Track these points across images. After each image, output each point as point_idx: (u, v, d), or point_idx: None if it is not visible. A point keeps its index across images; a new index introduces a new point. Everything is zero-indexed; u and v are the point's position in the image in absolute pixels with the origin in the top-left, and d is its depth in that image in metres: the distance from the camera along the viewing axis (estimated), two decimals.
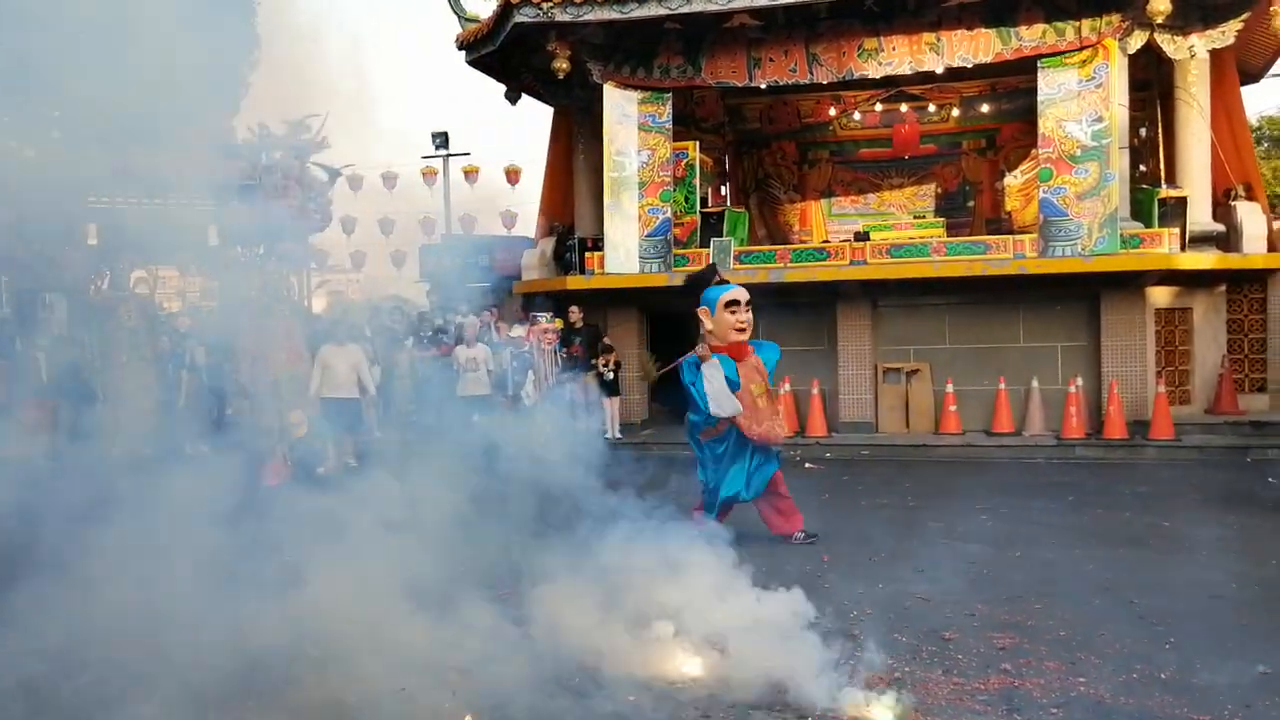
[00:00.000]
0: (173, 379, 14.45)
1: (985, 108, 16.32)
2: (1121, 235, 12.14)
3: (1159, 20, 11.79)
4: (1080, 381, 12.46)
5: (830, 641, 5.04)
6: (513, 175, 20.54)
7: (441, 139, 22.34)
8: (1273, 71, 16.58)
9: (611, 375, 13.53)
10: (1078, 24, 12.33)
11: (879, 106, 16.49)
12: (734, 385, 7.41)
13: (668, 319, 14.41)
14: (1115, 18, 12.23)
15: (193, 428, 13.63)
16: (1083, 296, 12.75)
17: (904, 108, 16.49)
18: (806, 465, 11.73)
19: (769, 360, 7.77)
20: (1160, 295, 12.76)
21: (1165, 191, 12.74)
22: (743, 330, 7.52)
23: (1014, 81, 15.20)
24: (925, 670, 4.70)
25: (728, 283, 7.80)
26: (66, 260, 19.25)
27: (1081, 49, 12.35)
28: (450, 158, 22.60)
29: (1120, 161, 12.34)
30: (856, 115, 16.80)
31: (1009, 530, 7.88)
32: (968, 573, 6.56)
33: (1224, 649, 4.86)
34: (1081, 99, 12.37)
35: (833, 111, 16.88)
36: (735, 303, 7.49)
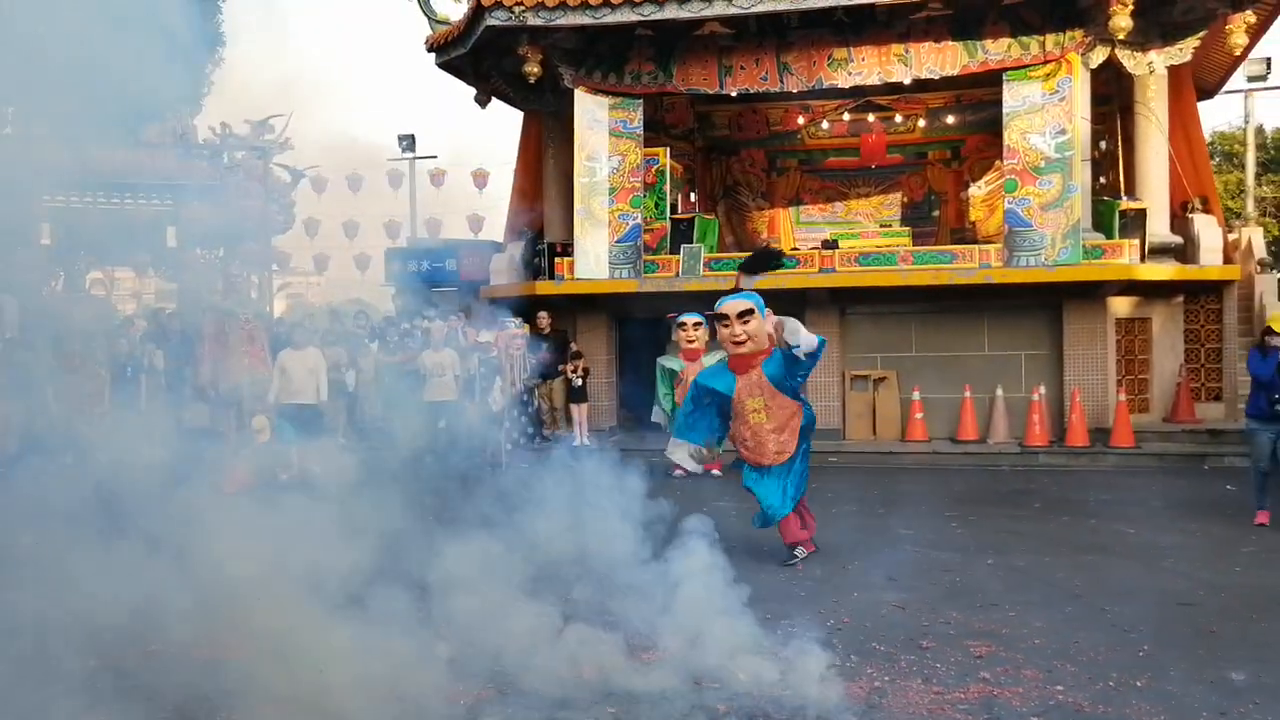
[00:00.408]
0: (130, 381, 14.22)
1: (950, 119, 16.52)
2: (1084, 246, 12.36)
3: (1120, 36, 12.00)
4: (1043, 390, 12.65)
5: (808, 650, 5.11)
6: (480, 178, 20.47)
7: (408, 141, 22.21)
8: (1226, 88, 16.97)
9: (580, 382, 13.52)
10: (1042, 39, 12.53)
11: (847, 116, 16.65)
12: (725, 397, 7.30)
13: (637, 325, 14.47)
14: (1078, 33, 12.44)
15: (151, 431, 13.51)
16: (1046, 306, 12.96)
17: (871, 118, 16.66)
18: None
19: (770, 373, 7.27)
20: (1120, 305, 13.00)
21: (1125, 203, 12.97)
22: (739, 344, 7.25)
23: (979, 94, 15.42)
24: (905, 679, 4.76)
25: (739, 289, 7.55)
26: (18, 260, 18.97)
27: (1046, 63, 12.56)
28: (417, 160, 22.47)
29: (1083, 173, 12.57)
30: (825, 124, 16.94)
31: (979, 538, 7.98)
32: (941, 581, 6.64)
33: (1196, 656, 4.97)
34: (1045, 112, 12.57)
35: (801, 120, 17.02)
36: (723, 317, 7.31)
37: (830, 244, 14.09)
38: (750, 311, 7.27)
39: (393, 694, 4.50)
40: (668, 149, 14.86)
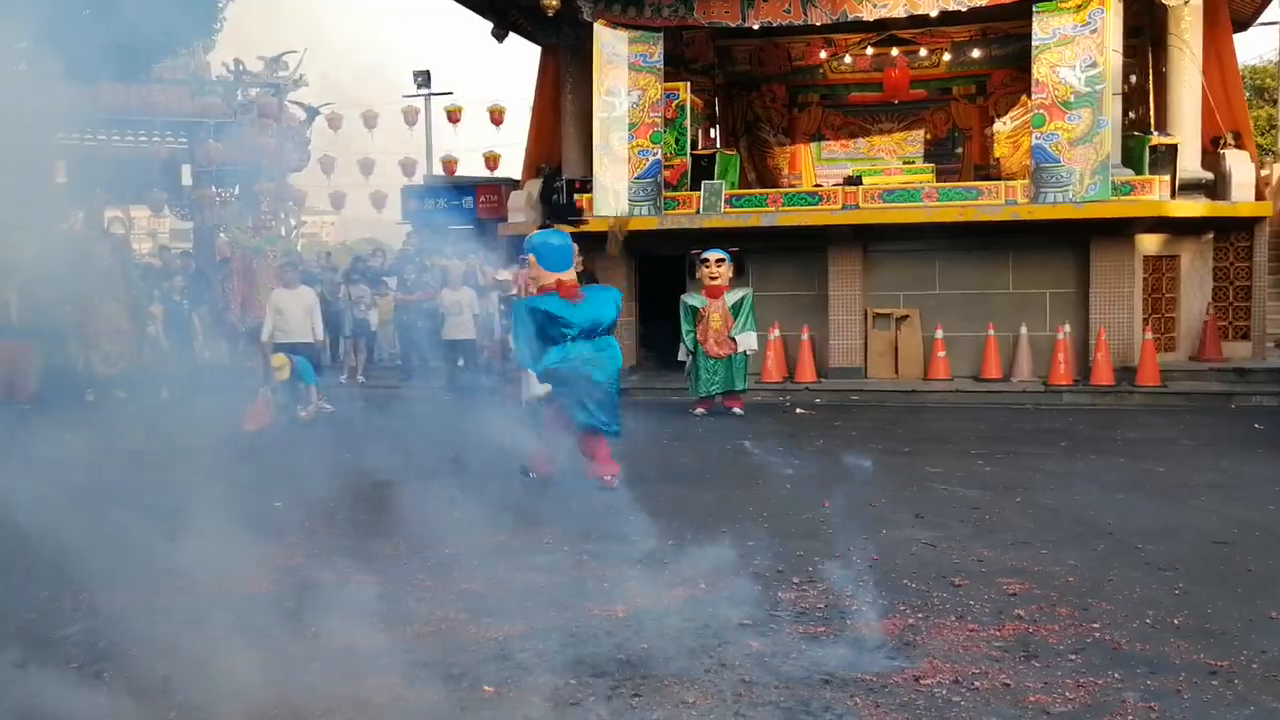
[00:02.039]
0: (144, 319, 14.17)
1: (976, 53, 16.19)
2: (1113, 182, 12.14)
3: None
4: (1068, 328, 12.53)
5: (840, 587, 5.10)
6: (496, 115, 20.21)
7: (423, 78, 21.93)
8: (1262, 20, 16.54)
9: None
10: None
11: (870, 50, 16.34)
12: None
13: (657, 262, 14.34)
14: None
15: (170, 370, 13.54)
16: (1072, 243, 12.78)
17: (895, 52, 16.33)
18: (797, 410, 11.76)
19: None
20: (1149, 243, 12.81)
21: (1156, 139, 12.73)
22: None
23: (1005, 27, 15.08)
24: (938, 617, 4.72)
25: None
26: (34, 198, 18.91)
27: None
28: (432, 97, 22.21)
29: (1113, 108, 12.31)
30: (847, 59, 16.64)
31: (1006, 476, 7.93)
32: (970, 518, 6.59)
33: (1233, 594, 4.91)
34: (1076, 44, 12.29)
35: (823, 54, 16.71)
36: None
37: (854, 180, 13.90)
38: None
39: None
40: (688, 84, 14.61)
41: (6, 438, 8.20)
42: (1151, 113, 13.76)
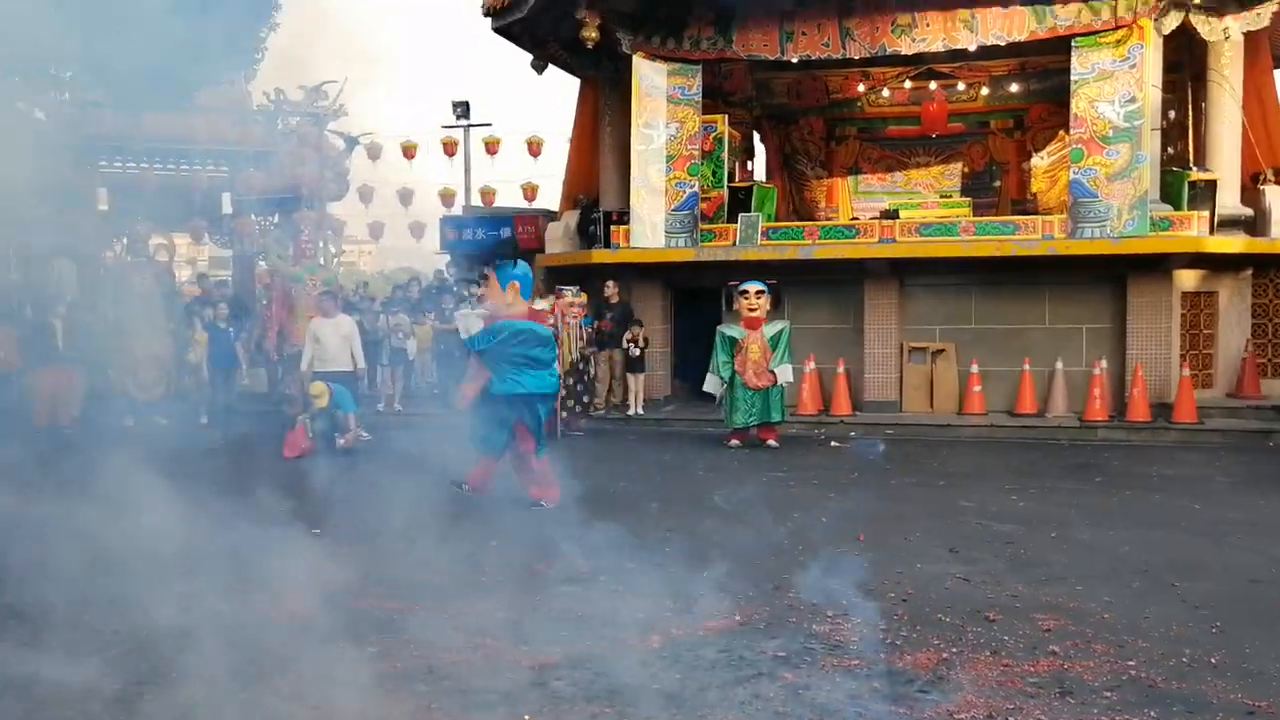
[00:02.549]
0: (184, 347, 14.41)
1: (1014, 87, 16.22)
2: (1151, 217, 12.11)
3: (1196, 1, 11.68)
4: (1104, 364, 12.44)
5: (874, 620, 5.12)
6: (535, 147, 20.46)
7: (462, 109, 22.24)
8: None
9: (638, 352, 13.53)
10: (1113, 4, 12.22)
11: (908, 84, 16.41)
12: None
13: (692, 294, 14.44)
14: None
15: (209, 401, 13.76)
16: (1109, 278, 12.73)
17: (933, 85, 16.40)
18: (832, 444, 11.77)
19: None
20: (1187, 278, 12.73)
21: (1195, 174, 12.66)
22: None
23: (1044, 61, 15.11)
24: (972, 651, 4.73)
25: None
26: (77, 225, 19.30)
27: (1116, 29, 12.25)
28: (471, 128, 22.51)
29: (1152, 143, 12.28)
30: (885, 92, 16.72)
31: (1041, 511, 7.91)
32: (1004, 553, 6.59)
33: (1271, 633, 4.89)
34: (1115, 79, 12.29)
35: (861, 88, 16.80)
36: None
37: (890, 214, 13.95)
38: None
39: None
40: (726, 116, 14.73)
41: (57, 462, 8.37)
42: (1191, 148, 13.69)
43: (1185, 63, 13.62)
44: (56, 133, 18.49)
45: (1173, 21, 12.18)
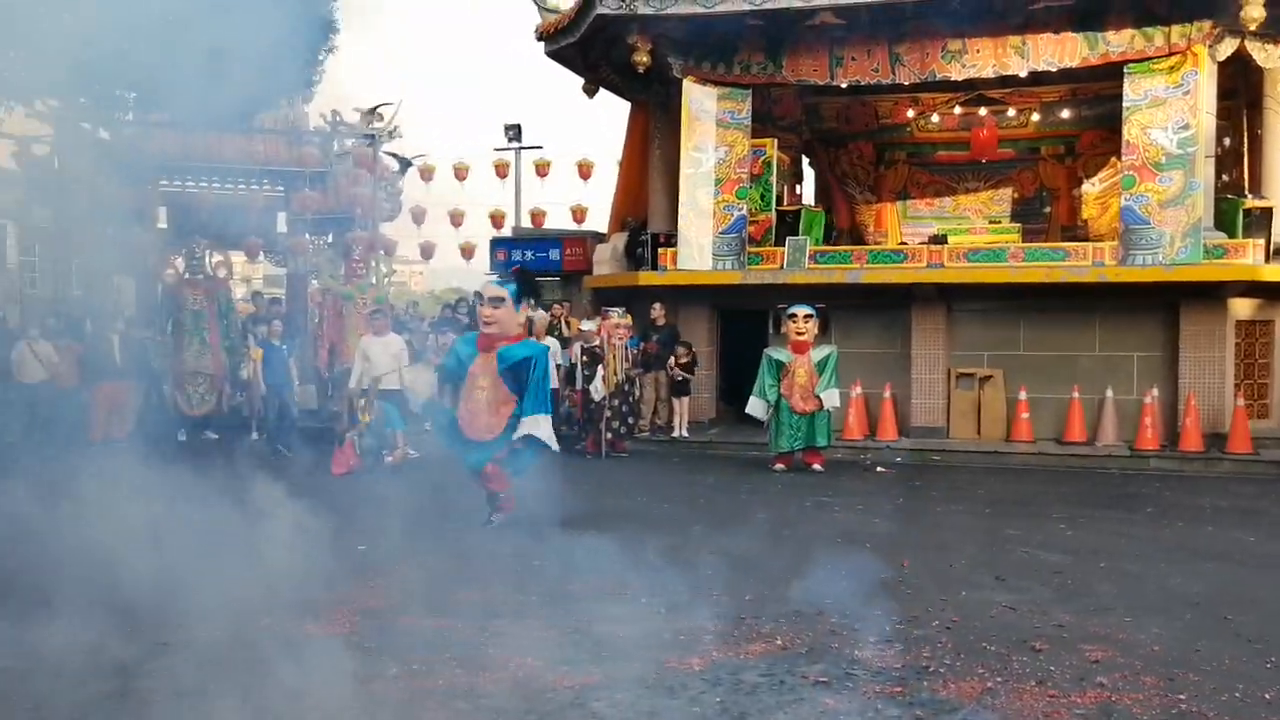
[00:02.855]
0: (238, 363, 14.69)
1: (1065, 113, 16.12)
2: (1205, 245, 11.95)
3: (1252, 28, 11.56)
4: (1156, 392, 12.28)
5: (917, 647, 5.09)
6: (585, 169, 20.62)
7: (514, 131, 22.50)
8: None
9: (681, 377, 13.55)
10: (1167, 30, 12.12)
11: (958, 109, 16.37)
12: (458, 373, 8.07)
13: (738, 316, 14.45)
14: (1206, 24, 12.01)
15: (259, 417, 13.98)
16: (1161, 306, 12.56)
17: (983, 111, 16.33)
18: (878, 469, 11.70)
19: (511, 358, 7.95)
20: (1241, 307, 12.53)
21: (1250, 202, 12.49)
22: (489, 324, 7.91)
23: (1095, 87, 15.01)
24: (1018, 681, 4.69)
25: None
26: (136, 243, 19.76)
27: (1170, 55, 12.15)
28: (522, 150, 22.75)
29: (1206, 170, 12.14)
30: (934, 117, 16.67)
31: (1089, 541, 7.80)
32: (1051, 582, 6.52)
33: None
34: (1168, 106, 12.17)
35: (911, 113, 16.78)
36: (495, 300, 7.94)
37: (939, 239, 13.88)
38: (502, 299, 7.97)
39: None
40: (775, 140, 14.77)
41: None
42: (1246, 176, 13.51)
43: (1241, 89, 13.47)
44: (119, 152, 19.06)
45: (1228, 48, 12.05)
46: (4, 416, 12.82)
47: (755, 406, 11.40)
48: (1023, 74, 13.06)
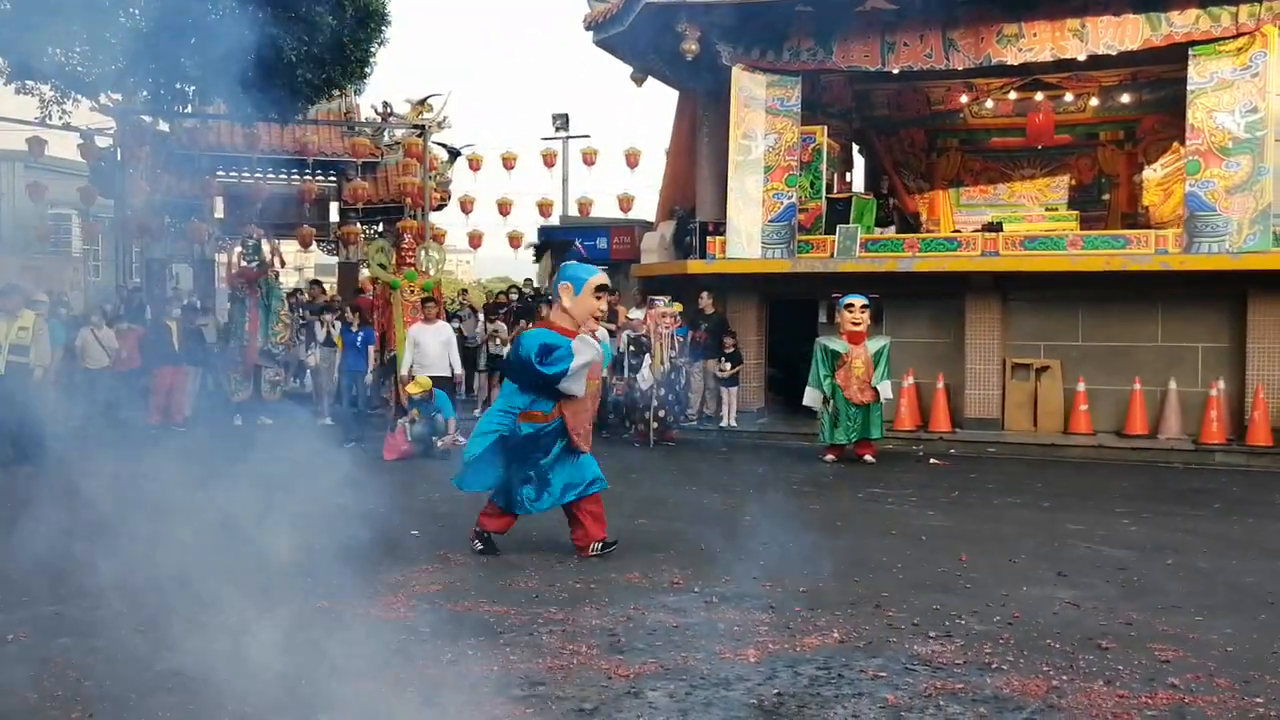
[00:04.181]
0: (298, 348, 14.86)
1: (1125, 98, 15.71)
2: (1274, 232, 11.58)
3: None
4: (1222, 384, 11.93)
5: (978, 643, 4.94)
6: (632, 158, 20.54)
7: (562, 120, 22.47)
8: None
9: (728, 370, 13.41)
10: (1234, 9, 11.76)
11: (1013, 95, 16.03)
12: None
13: (788, 306, 14.28)
14: (1276, 3, 11.63)
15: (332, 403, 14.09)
16: (1227, 295, 12.20)
17: (1039, 96, 15.99)
18: (931, 461, 11.49)
19: (607, 355, 7.01)
20: None
21: None
22: (599, 319, 6.78)
23: (1156, 70, 14.62)
24: (1085, 680, 4.51)
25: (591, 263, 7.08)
26: (194, 231, 20.06)
27: (1238, 36, 11.80)
28: (570, 139, 22.72)
29: (1276, 155, 11.75)
30: (989, 103, 16.35)
31: (1155, 536, 7.57)
32: (1116, 579, 6.31)
33: None
34: (1235, 89, 11.81)
35: (964, 99, 16.47)
36: (605, 288, 6.78)
37: (994, 227, 13.61)
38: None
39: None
40: (825, 127, 14.56)
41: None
42: None
43: None
44: (178, 144, 19.35)
45: None
46: (71, 401, 13.12)
47: (811, 397, 11.23)
48: (1081, 57, 12.73)
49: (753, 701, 4.16)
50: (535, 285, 17.89)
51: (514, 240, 21.86)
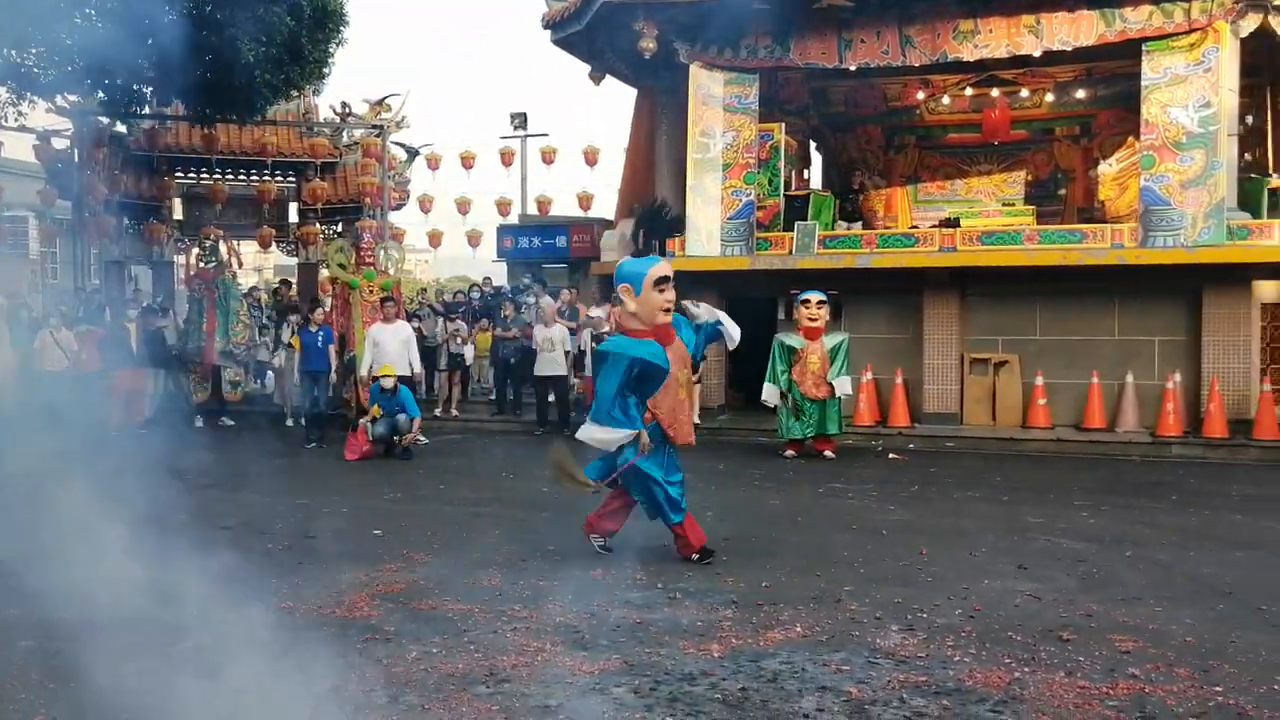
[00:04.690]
0: (258, 349, 14.66)
1: (1080, 93, 15.86)
2: (1228, 226, 11.73)
3: (1276, 2, 11.31)
4: (1178, 377, 12.06)
5: (940, 636, 4.92)
6: (591, 157, 20.45)
7: (520, 119, 22.34)
8: None
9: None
10: (1187, 6, 11.89)
11: (969, 91, 16.13)
12: (663, 372, 6.37)
13: (747, 303, 14.24)
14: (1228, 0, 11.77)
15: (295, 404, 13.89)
16: (1183, 289, 12.35)
17: (995, 92, 16.10)
18: (890, 456, 11.52)
19: (690, 342, 6.64)
20: (1267, 289, 12.30)
21: (1275, 181, 12.28)
22: (669, 311, 6.41)
23: (1111, 66, 14.75)
24: (1047, 672, 4.51)
25: (649, 253, 6.62)
26: (152, 233, 19.72)
27: (1190, 31, 11.93)
28: (529, 138, 22.59)
29: (1229, 149, 11.91)
30: (945, 100, 16.44)
31: (1113, 528, 7.61)
32: (1076, 571, 6.33)
33: None
34: (1189, 84, 11.95)
35: (921, 95, 16.55)
36: (666, 279, 6.33)
37: (951, 222, 13.67)
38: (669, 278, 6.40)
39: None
40: (783, 125, 14.56)
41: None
42: (1270, 155, 13.28)
43: (1265, 66, 13.24)
44: (135, 146, 19.00)
45: (1250, 24, 11.81)
46: (30, 404, 12.87)
47: (769, 393, 11.23)
48: (1037, 54, 12.83)
49: (717, 696, 4.12)
50: (495, 284, 17.77)
51: (473, 239, 21.70)
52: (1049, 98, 16.17)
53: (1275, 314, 12.40)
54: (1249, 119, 13.41)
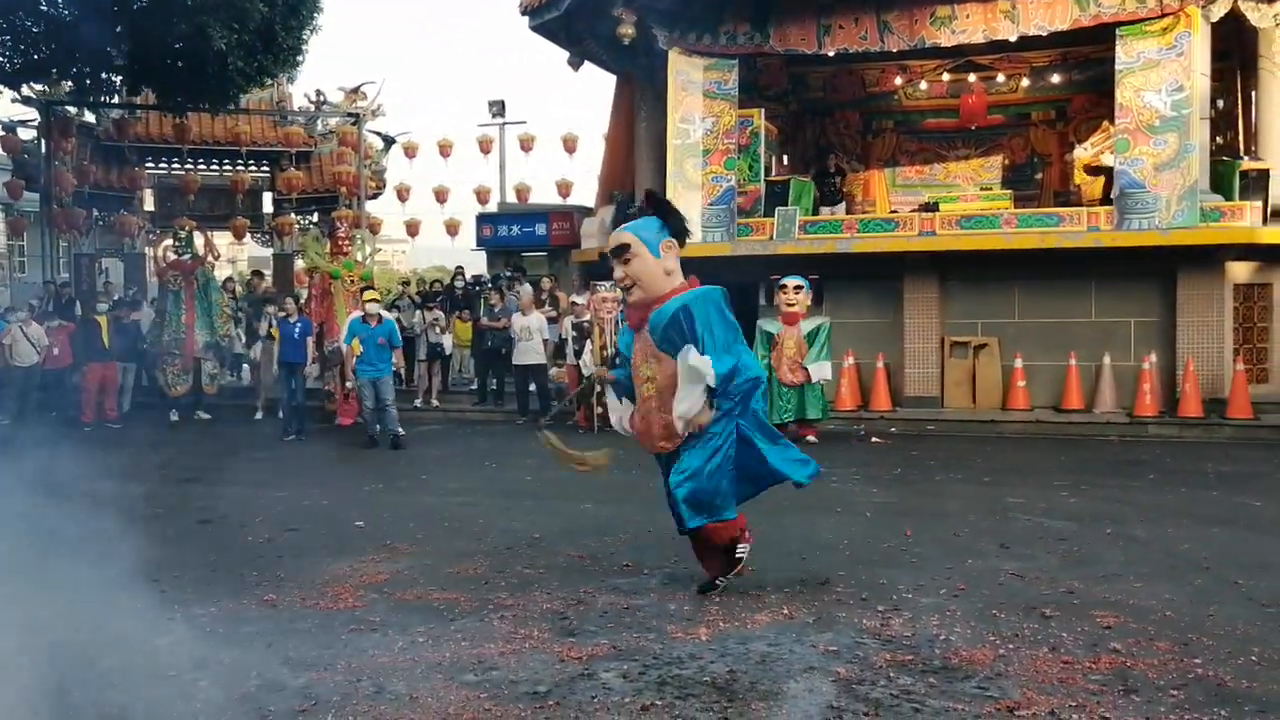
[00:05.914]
0: (231, 342, 14.59)
1: (1056, 78, 15.95)
2: (1201, 208, 11.85)
3: None
4: (1154, 358, 12.19)
5: (926, 615, 4.99)
6: (570, 144, 20.41)
7: (498, 107, 22.25)
8: None
9: None
10: None
11: (946, 76, 16.20)
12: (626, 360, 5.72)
13: (729, 288, 14.25)
14: None
15: (272, 396, 13.85)
16: (1158, 271, 12.46)
17: (972, 77, 16.16)
18: (872, 439, 11.59)
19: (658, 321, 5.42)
20: (1239, 271, 12.45)
21: (1247, 164, 12.40)
22: (626, 290, 5.62)
23: (1086, 51, 14.84)
24: (1031, 648, 4.58)
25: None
26: (123, 225, 19.55)
27: (1163, 16, 12.04)
28: (507, 126, 22.52)
29: (1201, 132, 12.02)
30: (923, 85, 16.50)
31: (1093, 507, 7.71)
32: (1057, 550, 6.41)
33: None
34: (1161, 68, 12.05)
35: (898, 81, 16.60)
36: (616, 251, 5.44)
37: (930, 207, 13.74)
38: (627, 247, 5.32)
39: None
40: (762, 110, 14.58)
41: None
42: (1241, 137, 13.41)
43: (1235, 50, 13.36)
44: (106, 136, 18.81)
45: (1221, 8, 11.92)
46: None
47: None
48: (1013, 38, 12.90)
49: (706, 679, 4.16)
50: (474, 275, 17.72)
51: (451, 228, 21.64)
52: (1025, 83, 16.26)
53: (1248, 295, 12.56)
54: (1220, 102, 13.53)
